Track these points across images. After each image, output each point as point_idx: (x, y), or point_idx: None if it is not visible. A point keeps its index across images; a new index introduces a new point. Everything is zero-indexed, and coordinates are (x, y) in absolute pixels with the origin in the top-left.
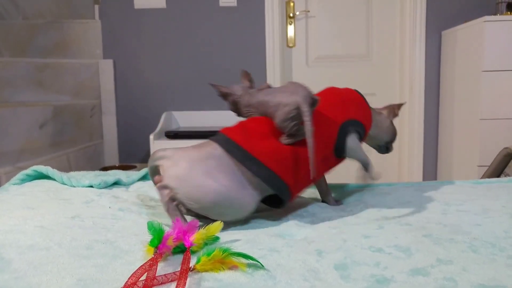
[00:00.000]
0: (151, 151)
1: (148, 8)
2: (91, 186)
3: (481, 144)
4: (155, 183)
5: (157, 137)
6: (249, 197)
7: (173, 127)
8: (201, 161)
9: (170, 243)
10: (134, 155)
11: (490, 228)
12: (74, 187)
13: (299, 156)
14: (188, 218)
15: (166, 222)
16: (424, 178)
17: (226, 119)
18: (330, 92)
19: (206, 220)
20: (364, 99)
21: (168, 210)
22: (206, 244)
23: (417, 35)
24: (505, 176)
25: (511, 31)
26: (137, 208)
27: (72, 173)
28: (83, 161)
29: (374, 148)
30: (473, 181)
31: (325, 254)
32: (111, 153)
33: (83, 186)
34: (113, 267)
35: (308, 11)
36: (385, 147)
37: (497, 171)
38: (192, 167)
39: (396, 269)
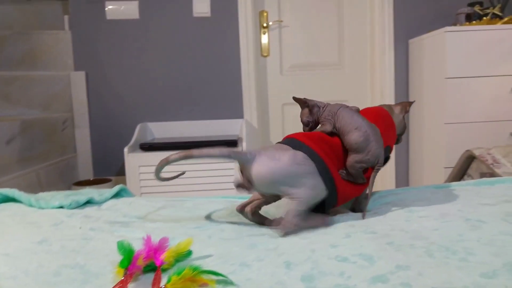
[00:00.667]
0: (126, 164)
1: (120, 19)
2: (62, 207)
3: (446, 147)
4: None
5: (132, 150)
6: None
7: (148, 139)
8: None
9: (141, 262)
10: (109, 168)
11: (446, 232)
12: (43, 209)
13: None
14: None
15: (139, 237)
16: (397, 180)
17: (201, 128)
18: (378, 117)
19: (180, 237)
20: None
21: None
22: (177, 261)
23: (386, 43)
24: (468, 176)
25: (470, 40)
26: (108, 227)
27: (41, 194)
28: (55, 177)
29: None
30: (434, 185)
31: (293, 266)
32: (85, 167)
33: (53, 208)
34: None
35: (281, 21)
36: (396, 139)
37: (460, 173)
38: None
39: (359, 277)
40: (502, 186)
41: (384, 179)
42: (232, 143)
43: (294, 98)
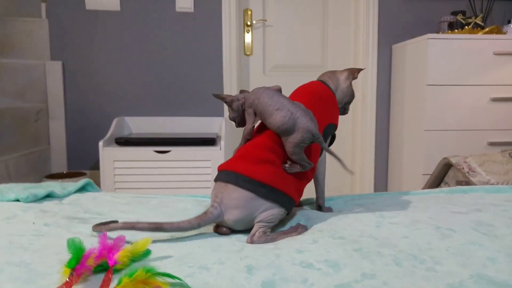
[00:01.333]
0: (101, 158)
1: (100, 10)
2: (18, 200)
3: (425, 154)
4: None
5: (107, 144)
6: None
7: (125, 133)
8: None
9: (91, 262)
10: (83, 162)
11: (415, 240)
12: None
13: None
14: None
15: (96, 235)
16: (376, 186)
17: (180, 125)
18: (312, 96)
19: (140, 236)
20: (331, 89)
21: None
22: (133, 261)
23: (370, 47)
24: (445, 184)
25: (452, 49)
26: (66, 222)
27: None
28: (26, 169)
29: None
30: (407, 192)
31: (255, 271)
32: (59, 160)
33: (8, 201)
34: None
35: (265, 20)
36: (342, 108)
37: (437, 180)
38: None
39: (322, 285)
40: (474, 195)
41: (363, 185)
42: (210, 141)
43: (214, 95)
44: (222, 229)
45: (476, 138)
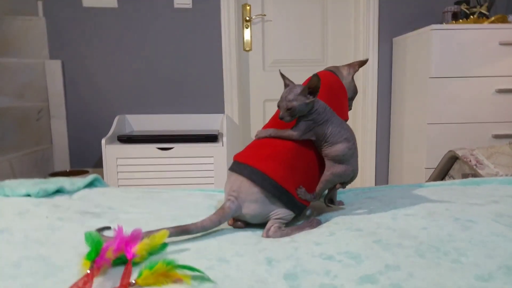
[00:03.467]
0: (104, 156)
1: (98, 7)
2: (29, 195)
3: (428, 147)
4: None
5: (110, 141)
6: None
7: (127, 131)
8: None
9: (110, 255)
10: (86, 160)
11: (435, 232)
12: (8, 196)
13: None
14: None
15: (111, 230)
16: (376, 180)
17: (181, 122)
18: (328, 90)
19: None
20: (339, 79)
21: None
22: (150, 254)
23: (370, 41)
24: (450, 177)
25: (456, 40)
26: (79, 217)
27: (7, 182)
28: (29, 167)
29: None
30: (418, 184)
31: (275, 263)
32: (62, 158)
33: (19, 196)
34: (43, 287)
35: (265, 15)
36: None
37: (442, 173)
38: None
39: (346, 277)
40: (488, 186)
41: (363, 178)
42: (212, 137)
43: (280, 72)
44: (237, 223)
45: (481, 131)
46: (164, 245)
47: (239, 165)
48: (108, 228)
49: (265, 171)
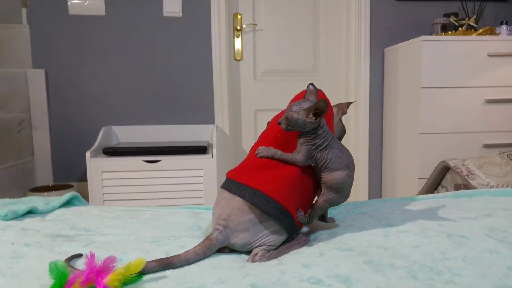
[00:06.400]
0: (88, 169)
1: (84, 15)
2: None
3: (421, 157)
4: None
5: (94, 154)
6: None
7: (113, 143)
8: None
9: (76, 287)
10: (70, 174)
11: (428, 250)
12: None
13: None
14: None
15: (85, 254)
16: (370, 191)
17: (169, 133)
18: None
19: (133, 253)
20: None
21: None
22: (125, 284)
23: (362, 51)
24: (442, 188)
25: (446, 51)
26: (49, 241)
27: None
28: (9, 182)
29: None
30: (411, 198)
31: None
32: (44, 172)
33: None
34: None
35: (256, 24)
36: None
37: (435, 183)
38: None
39: None
40: (480, 199)
41: (357, 190)
42: (202, 149)
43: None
44: (224, 249)
45: (472, 141)
46: (140, 276)
47: (238, 186)
48: (80, 255)
49: (269, 194)
